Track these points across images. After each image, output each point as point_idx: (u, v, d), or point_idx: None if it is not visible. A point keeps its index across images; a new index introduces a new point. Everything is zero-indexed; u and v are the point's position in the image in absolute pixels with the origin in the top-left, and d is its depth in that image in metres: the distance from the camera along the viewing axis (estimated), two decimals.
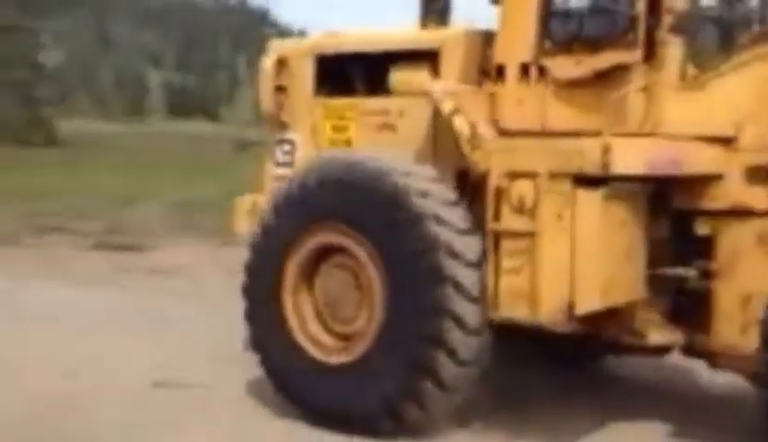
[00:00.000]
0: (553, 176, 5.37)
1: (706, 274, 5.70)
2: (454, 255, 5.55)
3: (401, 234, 5.62)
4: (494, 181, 5.57)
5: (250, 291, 6.29)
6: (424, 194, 5.65)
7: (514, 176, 5.51)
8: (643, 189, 5.61)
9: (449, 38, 6.47)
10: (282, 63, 7.17)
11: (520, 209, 5.49)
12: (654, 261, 5.85)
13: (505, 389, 6.87)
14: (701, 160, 5.54)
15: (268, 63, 7.19)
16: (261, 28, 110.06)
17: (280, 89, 7.18)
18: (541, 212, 5.40)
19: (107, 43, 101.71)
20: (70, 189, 22.05)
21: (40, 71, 58.02)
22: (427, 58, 6.49)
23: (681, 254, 5.84)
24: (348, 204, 5.85)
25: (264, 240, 6.22)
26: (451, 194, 5.78)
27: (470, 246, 5.60)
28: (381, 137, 6.56)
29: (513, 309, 5.54)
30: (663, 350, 6.34)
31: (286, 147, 7.19)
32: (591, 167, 5.24)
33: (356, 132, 6.77)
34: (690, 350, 6.05)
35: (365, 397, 5.76)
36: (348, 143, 6.80)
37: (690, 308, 5.84)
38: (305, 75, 7.07)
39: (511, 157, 5.57)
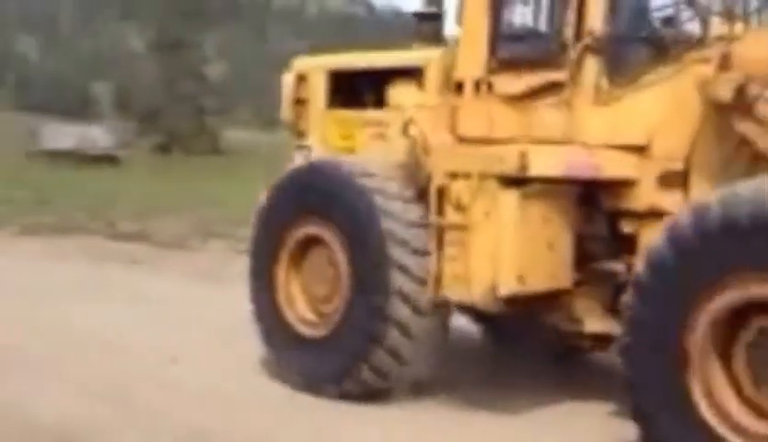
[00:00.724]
0: (482, 177, 6.22)
1: (631, 269, 6.39)
2: (402, 244, 6.50)
3: (361, 225, 6.61)
4: (436, 181, 6.49)
5: (251, 268, 7.43)
6: (380, 192, 6.61)
7: (452, 177, 6.41)
8: (568, 190, 6.34)
9: (431, 57, 7.39)
10: (301, 79, 8.26)
11: (458, 206, 6.37)
12: (590, 255, 6.58)
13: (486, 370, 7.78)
14: (616, 166, 6.24)
15: (289, 78, 8.29)
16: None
17: (299, 101, 8.26)
18: (472, 208, 6.27)
19: (266, 55, 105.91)
20: (233, 196, 22.97)
21: (205, 83, 61.49)
22: (416, 75, 7.43)
23: (613, 250, 6.56)
24: (326, 200, 6.88)
25: (264, 226, 7.34)
26: (406, 191, 6.69)
27: (417, 236, 6.53)
28: (376, 145, 7.53)
29: (453, 291, 6.43)
30: (605, 339, 7.04)
31: (305, 152, 8.25)
32: (510, 170, 6.07)
33: (359, 140, 7.76)
34: None
35: (334, 365, 6.77)
36: (352, 150, 7.79)
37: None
38: (319, 89, 8.13)
39: (450, 161, 6.47)
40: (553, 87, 6.39)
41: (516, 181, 6.13)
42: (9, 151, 58.01)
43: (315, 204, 6.96)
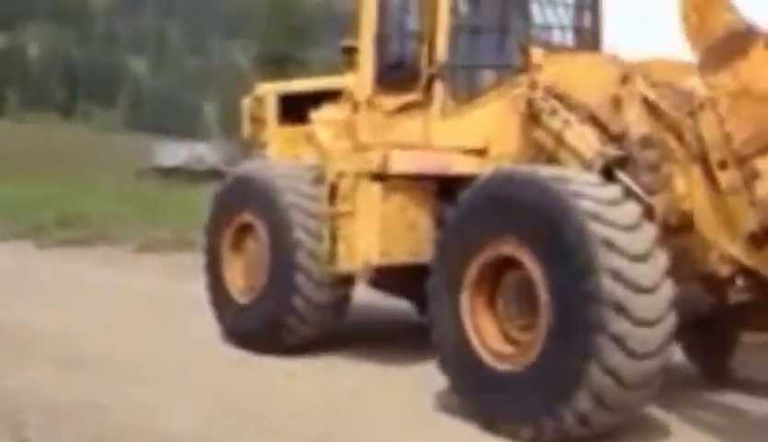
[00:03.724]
0: (359, 175, 8.12)
1: None
2: (307, 232, 8.43)
3: (275, 214, 8.58)
4: (330, 178, 8.41)
5: (205, 254, 9.48)
6: (291, 189, 8.56)
7: (341, 175, 8.32)
8: (426, 184, 8.11)
9: (347, 82, 9.30)
10: (259, 100, 10.30)
11: (344, 197, 8.28)
12: None
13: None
14: (462, 165, 7.98)
15: (249, 100, 10.36)
16: None
17: (258, 120, 10.30)
18: (354, 198, 8.17)
19: None
20: None
21: None
22: (338, 96, 9.36)
23: None
24: (251, 195, 8.90)
25: (214, 212, 9.41)
26: (311, 189, 8.60)
27: (317, 224, 8.44)
28: (308, 151, 9.46)
29: (344, 265, 8.33)
30: None
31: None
32: (376, 168, 7.95)
33: (300, 148, 9.72)
34: None
35: (260, 324, 8.71)
36: (298, 156, 9.75)
37: None
38: (272, 108, 10.15)
39: (339, 163, 8.39)
40: (413, 105, 8.23)
41: (381, 177, 7.99)
42: (122, 169, 62.04)
43: (248, 199, 8.95)
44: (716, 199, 6.36)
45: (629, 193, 6.42)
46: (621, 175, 6.75)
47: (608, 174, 6.79)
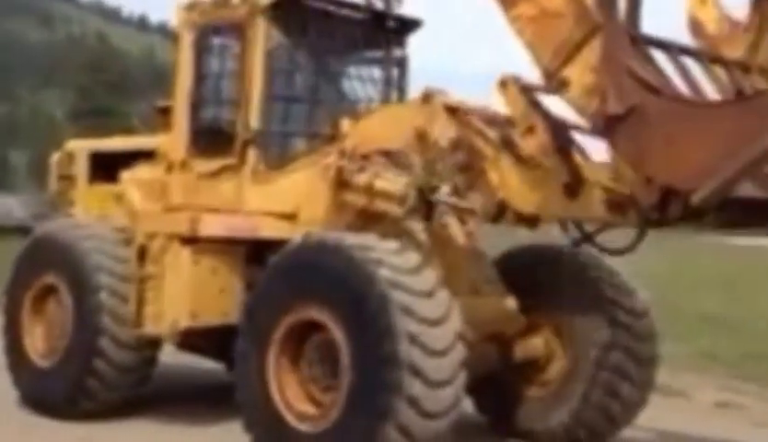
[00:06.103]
0: (169, 237, 8.12)
1: None
2: (113, 294, 8.31)
3: (80, 277, 8.42)
4: (139, 239, 8.37)
5: (4, 315, 9.18)
6: (97, 251, 8.45)
7: (150, 237, 8.29)
8: (235, 247, 8.18)
9: (159, 141, 9.30)
10: (68, 157, 10.12)
11: (153, 260, 8.25)
12: None
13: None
14: (271, 229, 8.13)
15: (58, 156, 10.17)
16: None
17: (67, 177, 10.11)
18: (163, 261, 8.15)
19: None
20: None
21: None
22: (151, 156, 9.33)
23: None
24: (55, 257, 8.70)
25: (16, 274, 9.13)
26: (116, 250, 8.52)
27: (124, 287, 8.34)
28: (118, 210, 9.35)
29: (151, 327, 8.25)
30: None
31: None
32: (185, 231, 7.97)
33: (110, 208, 9.59)
34: None
35: (58, 384, 8.49)
36: (107, 217, 9.60)
37: None
38: (82, 166, 9.99)
39: (148, 224, 8.36)
40: (226, 169, 8.36)
41: (190, 240, 8.02)
42: None
43: (51, 259, 8.75)
44: (527, 174, 7.05)
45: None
46: (436, 196, 7.17)
47: (427, 203, 7.28)
